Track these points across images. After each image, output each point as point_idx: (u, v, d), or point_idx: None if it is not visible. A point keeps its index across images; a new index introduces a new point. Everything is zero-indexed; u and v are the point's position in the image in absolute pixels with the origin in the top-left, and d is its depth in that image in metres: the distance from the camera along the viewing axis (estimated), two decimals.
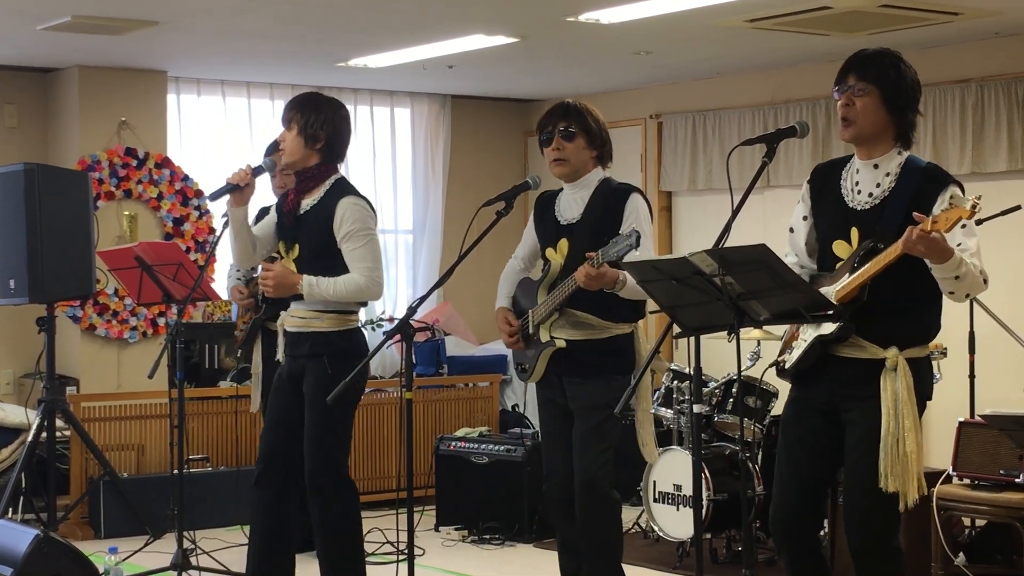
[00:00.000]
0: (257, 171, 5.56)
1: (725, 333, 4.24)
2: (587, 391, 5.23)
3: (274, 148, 5.72)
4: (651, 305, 4.73)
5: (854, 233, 4.40)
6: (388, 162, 10.84)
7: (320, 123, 5.44)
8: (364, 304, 5.66)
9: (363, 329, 7.14)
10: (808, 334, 4.43)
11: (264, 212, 6.15)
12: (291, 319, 5.56)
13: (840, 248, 4.43)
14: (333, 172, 5.54)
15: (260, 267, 5.70)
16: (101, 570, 5.66)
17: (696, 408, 4.26)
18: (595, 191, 5.30)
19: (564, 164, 5.31)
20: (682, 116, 10.19)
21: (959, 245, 4.18)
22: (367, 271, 5.38)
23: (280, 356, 5.66)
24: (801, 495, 4.49)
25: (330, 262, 5.42)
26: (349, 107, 10.42)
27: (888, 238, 4.22)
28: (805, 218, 4.60)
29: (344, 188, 5.52)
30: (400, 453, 5.22)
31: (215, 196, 5.54)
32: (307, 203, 5.50)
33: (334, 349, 5.46)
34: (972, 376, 7.13)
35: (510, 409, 9.62)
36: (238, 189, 5.48)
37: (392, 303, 10.70)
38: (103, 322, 9.35)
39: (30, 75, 9.55)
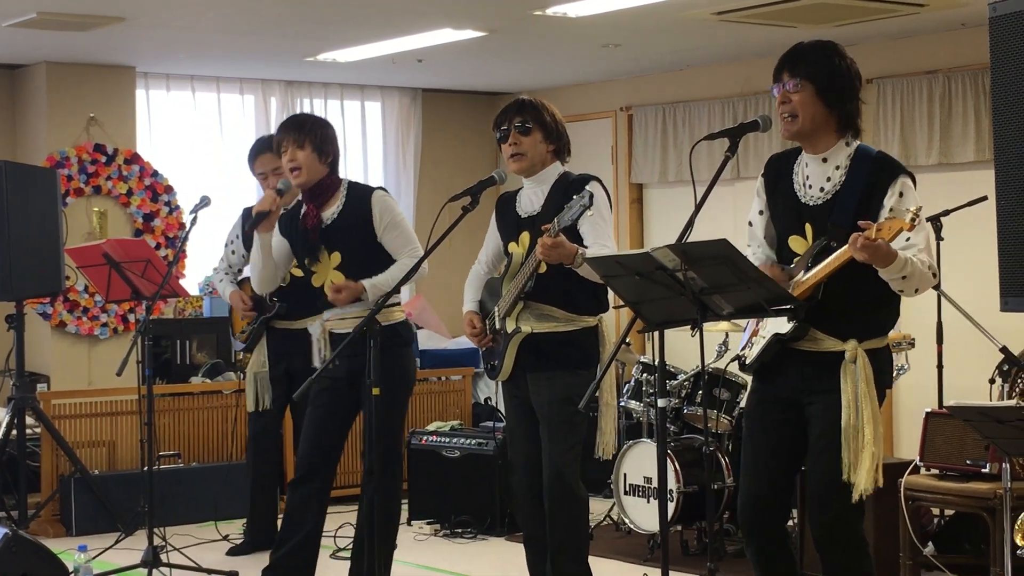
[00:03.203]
0: (279, 193, 5.82)
1: (689, 327, 4.25)
2: (551, 385, 5.23)
3: (261, 218, 5.75)
4: (617, 299, 4.75)
5: (808, 228, 4.41)
6: (359, 156, 10.85)
7: (328, 139, 5.77)
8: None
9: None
10: (767, 331, 4.45)
11: (249, 212, 6.18)
12: (343, 321, 5.72)
13: (796, 243, 4.45)
14: (339, 180, 5.81)
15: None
16: (71, 568, 5.66)
17: (661, 402, 4.28)
18: (554, 184, 5.33)
19: (522, 159, 5.33)
20: (652, 108, 10.21)
21: (907, 240, 4.19)
22: (413, 252, 5.71)
23: (319, 360, 5.81)
24: (766, 485, 4.51)
25: (375, 257, 5.70)
26: (319, 101, 10.59)
27: (841, 235, 4.24)
28: (761, 212, 4.62)
29: (362, 187, 5.87)
30: (370, 448, 5.25)
31: (252, 227, 5.76)
32: (329, 213, 5.75)
33: (400, 340, 5.76)
34: (940, 366, 7.16)
35: (483, 402, 9.63)
36: (269, 215, 5.71)
37: None
38: (74, 319, 9.33)
39: None
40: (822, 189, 4.40)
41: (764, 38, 8.53)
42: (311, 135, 5.69)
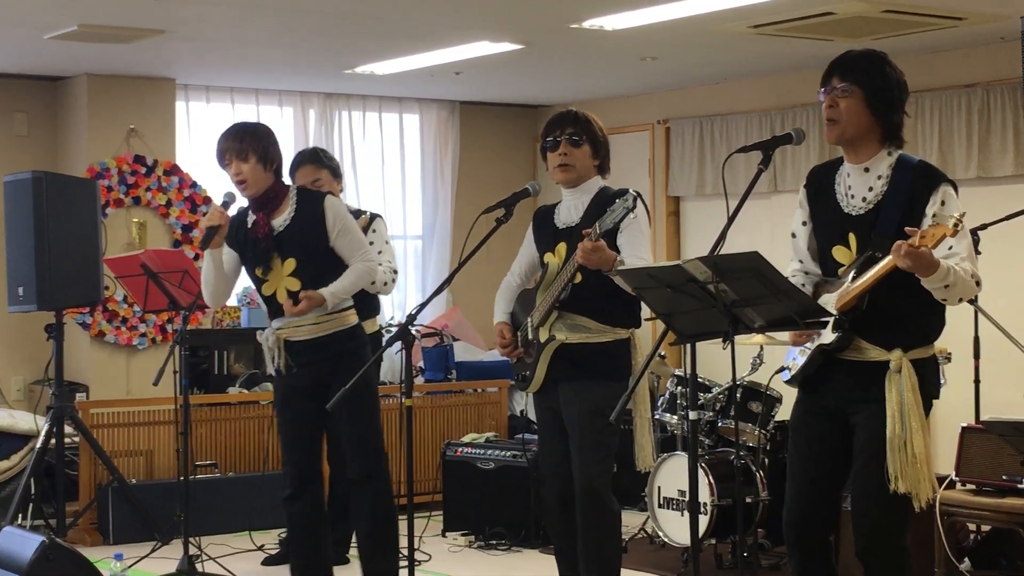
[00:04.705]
0: (224, 206, 5.81)
1: (721, 340, 4.26)
2: (581, 397, 5.23)
3: (211, 234, 5.71)
4: (648, 312, 4.75)
5: (852, 238, 4.41)
6: (397, 168, 10.89)
7: (270, 147, 5.72)
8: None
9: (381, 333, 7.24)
10: (812, 342, 4.44)
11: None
12: (299, 329, 5.70)
13: (840, 254, 4.44)
14: (287, 187, 5.80)
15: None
16: None
17: (692, 415, 4.28)
18: (594, 197, 5.34)
19: (570, 170, 5.33)
20: (689, 121, 10.21)
21: (950, 248, 4.18)
22: (364, 256, 5.73)
23: (273, 368, 5.81)
24: (811, 497, 4.50)
25: (329, 263, 5.69)
26: (357, 113, 10.64)
27: (886, 245, 4.23)
28: (805, 223, 4.62)
29: (312, 193, 5.88)
30: (402, 459, 5.25)
31: (205, 244, 5.68)
32: (280, 221, 5.71)
33: (359, 341, 5.78)
34: (977, 381, 7.12)
35: (518, 414, 9.63)
36: (219, 230, 5.66)
37: (401, 309, 10.73)
38: (112, 329, 9.39)
39: (39, 83, 9.61)
40: (864, 199, 4.40)
41: (801, 51, 8.52)
42: (253, 146, 5.65)
